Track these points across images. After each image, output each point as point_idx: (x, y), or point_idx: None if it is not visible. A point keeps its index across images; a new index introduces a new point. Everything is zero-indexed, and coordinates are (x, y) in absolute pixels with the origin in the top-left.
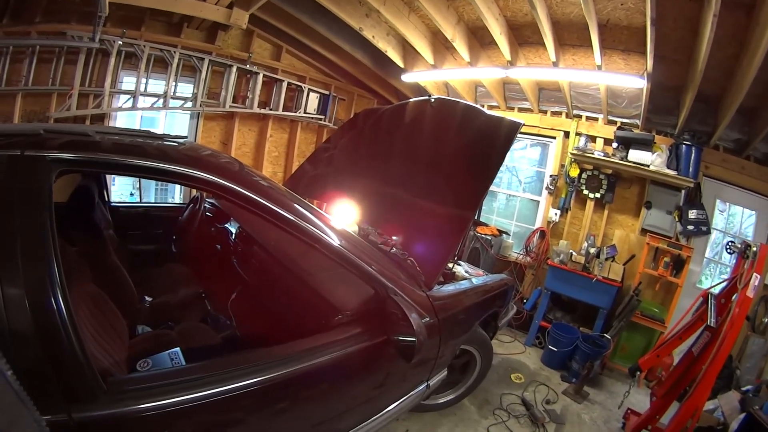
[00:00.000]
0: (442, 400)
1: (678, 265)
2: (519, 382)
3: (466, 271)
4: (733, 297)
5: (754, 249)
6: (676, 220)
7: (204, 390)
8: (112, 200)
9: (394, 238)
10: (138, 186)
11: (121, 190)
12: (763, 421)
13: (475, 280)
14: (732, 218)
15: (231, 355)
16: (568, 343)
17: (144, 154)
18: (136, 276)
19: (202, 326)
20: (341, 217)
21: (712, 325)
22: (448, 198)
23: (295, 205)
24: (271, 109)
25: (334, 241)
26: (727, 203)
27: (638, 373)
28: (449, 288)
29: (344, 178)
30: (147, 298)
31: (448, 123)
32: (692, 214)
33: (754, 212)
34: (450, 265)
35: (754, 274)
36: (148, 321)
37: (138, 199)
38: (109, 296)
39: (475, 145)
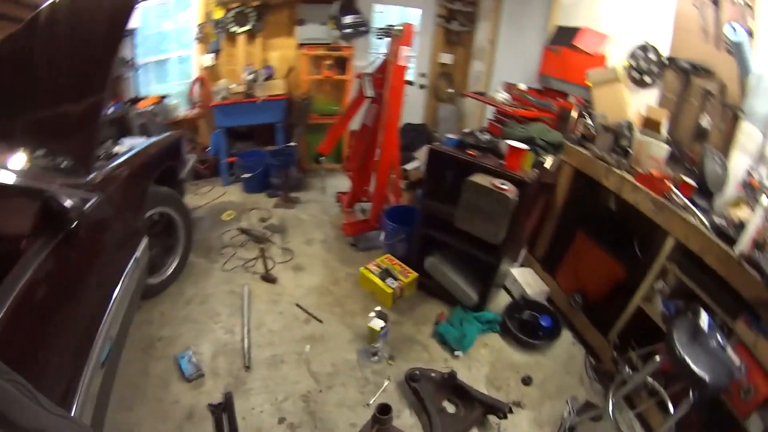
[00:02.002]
0: (170, 271)
1: (342, 65)
2: (232, 218)
3: (131, 144)
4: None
5: (398, 27)
6: (333, 28)
7: None
8: None
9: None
10: None
11: None
12: (440, 147)
13: (137, 146)
14: (391, 19)
15: None
16: (259, 164)
17: None
18: None
19: None
20: None
21: (368, 95)
22: (75, 90)
23: None
24: None
25: None
26: (385, 4)
27: (322, 159)
28: (109, 163)
29: None
30: None
31: (59, 15)
32: (348, 19)
33: (418, 9)
34: (111, 146)
35: (402, 46)
36: None
37: None
38: None
39: (90, 28)
